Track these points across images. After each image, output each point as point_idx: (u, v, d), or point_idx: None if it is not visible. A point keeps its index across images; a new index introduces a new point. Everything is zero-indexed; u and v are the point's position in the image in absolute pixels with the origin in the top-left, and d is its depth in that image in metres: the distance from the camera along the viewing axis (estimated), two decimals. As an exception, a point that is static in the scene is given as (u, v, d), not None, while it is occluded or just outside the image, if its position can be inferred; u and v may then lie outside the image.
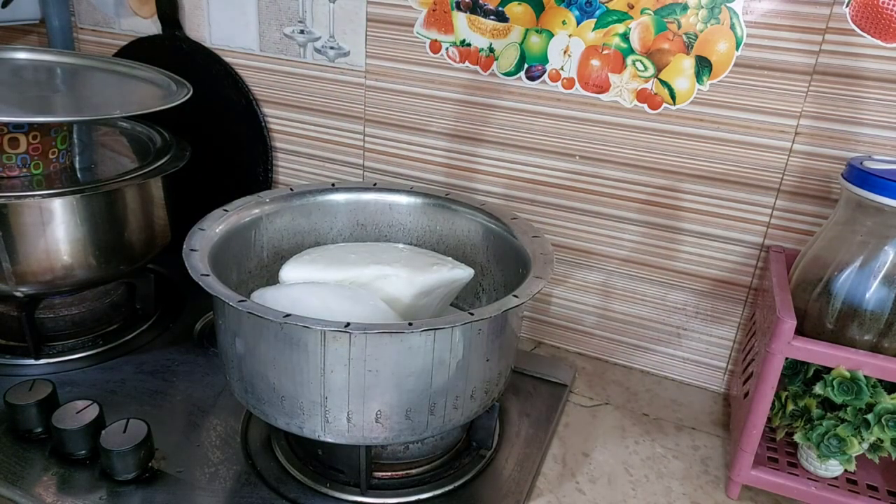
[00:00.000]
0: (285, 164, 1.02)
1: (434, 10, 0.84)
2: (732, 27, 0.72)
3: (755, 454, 0.67)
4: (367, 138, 0.95)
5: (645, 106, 0.79)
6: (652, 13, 0.75)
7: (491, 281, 0.78)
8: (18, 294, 0.78)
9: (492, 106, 0.86)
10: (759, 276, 0.81)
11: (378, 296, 0.67)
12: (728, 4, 0.72)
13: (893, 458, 0.64)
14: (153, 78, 0.91)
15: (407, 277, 0.68)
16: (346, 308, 0.62)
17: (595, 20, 0.77)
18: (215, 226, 0.68)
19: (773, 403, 0.65)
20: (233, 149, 1.03)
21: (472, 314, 0.55)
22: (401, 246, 0.78)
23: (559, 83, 0.81)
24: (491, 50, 0.83)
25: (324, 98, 0.95)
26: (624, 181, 0.83)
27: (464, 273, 0.70)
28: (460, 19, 0.83)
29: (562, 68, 0.81)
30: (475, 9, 0.82)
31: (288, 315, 0.53)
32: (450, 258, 0.74)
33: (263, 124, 1.00)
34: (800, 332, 0.62)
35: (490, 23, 0.82)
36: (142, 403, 0.75)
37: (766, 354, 0.63)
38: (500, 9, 0.81)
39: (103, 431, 0.64)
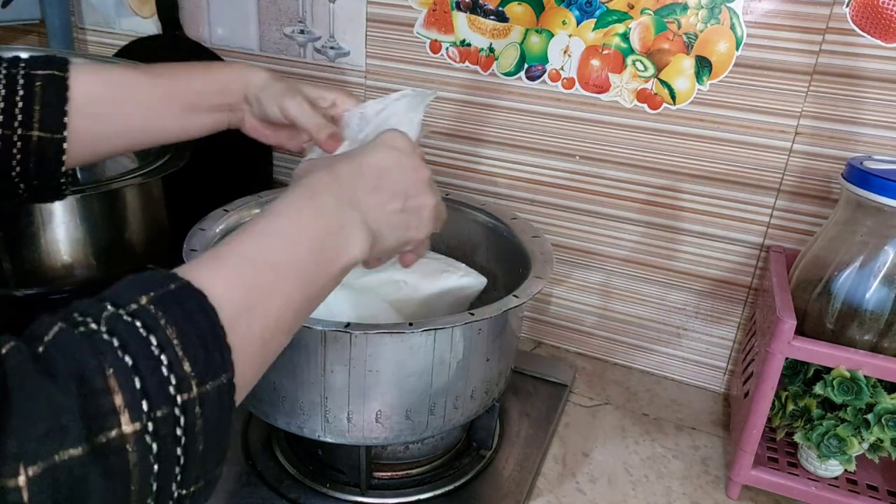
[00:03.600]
0: (285, 164, 1.02)
1: (434, 10, 0.84)
2: (732, 27, 0.72)
3: (755, 454, 0.67)
4: (367, 138, 0.94)
5: (645, 106, 0.79)
6: (652, 13, 0.75)
7: (491, 281, 0.78)
8: (18, 294, 0.78)
9: (492, 106, 0.86)
10: (759, 276, 0.80)
11: (386, 301, 0.67)
12: (728, 4, 0.72)
13: (893, 458, 0.64)
14: (153, 78, 0.91)
15: (414, 284, 0.67)
16: (345, 309, 0.62)
17: (595, 20, 0.77)
18: (215, 226, 0.68)
19: (773, 403, 0.65)
20: (233, 149, 1.02)
21: (472, 314, 0.55)
22: None
23: (559, 83, 0.81)
24: (491, 50, 0.83)
25: (324, 98, 0.95)
26: (624, 181, 0.83)
27: (475, 281, 0.69)
28: (460, 19, 0.83)
29: (562, 68, 0.81)
30: (475, 9, 0.82)
31: (288, 315, 0.53)
32: (463, 265, 0.72)
33: (263, 124, 0.99)
34: (800, 332, 0.62)
35: (490, 23, 0.82)
36: (142, 403, 0.75)
37: (766, 354, 0.63)
38: (500, 9, 0.81)
39: (103, 431, 0.64)
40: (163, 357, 0.28)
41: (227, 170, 1.03)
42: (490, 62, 0.84)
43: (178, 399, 0.28)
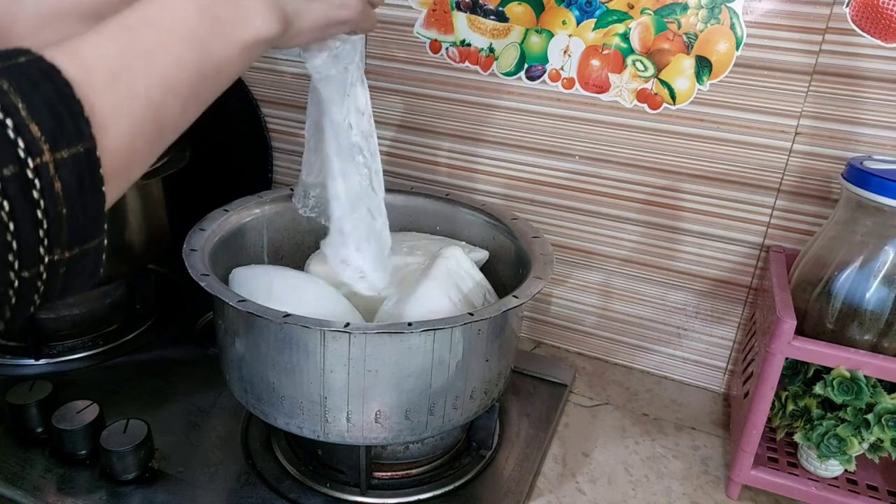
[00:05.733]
0: (285, 164, 1.02)
1: (434, 10, 0.84)
2: (732, 27, 0.72)
3: (755, 454, 0.67)
4: (367, 138, 0.94)
5: (645, 106, 0.79)
6: (652, 13, 0.75)
7: (491, 281, 0.78)
8: (18, 294, 0.78)
9: (492, 106, 0.86)
10: (759, 276, 0.80)
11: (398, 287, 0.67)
12: (728, 4, 0.72)
13: (893, 458, 0.64)
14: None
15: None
16: (288, 295, 0.62)
17: (595, 20, 0.77)
18: (215, 226, 0.68)
19: (773, 403, 0.65)
20: (233, 149, 1.03)
21: (471, 314, 0.55)
22: (437, 238, 0.78)
23: (559, 83, 0.81)
24: (491, 50, 0.83)
25: (324, 98, 0.95)
26: (624, 181, 0.83)
27: (480, 255, 0.74)
28: (460, 19, 0.83)
29: (562, 68, 0.81)
30: (475, 9, 0.82)
31: (287, 315, 0.53)
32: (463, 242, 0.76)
33: (263, 124, 1.00)
34: (800, 332, 0.62)
35: (490, 23, 0.82)
36: (142, 403, 0.75)
37: (766, 354, 0.63)
38: (500, 9, 0.81)
39: (103, 431, 0.64)
40: (7, 121, 0.28)
41: (227, 170, 1.03)
42: (490, 62, 0.84)
43: (30, 162, 0.28)
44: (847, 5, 0.67)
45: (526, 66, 0.82)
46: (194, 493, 0.64)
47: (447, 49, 0.85)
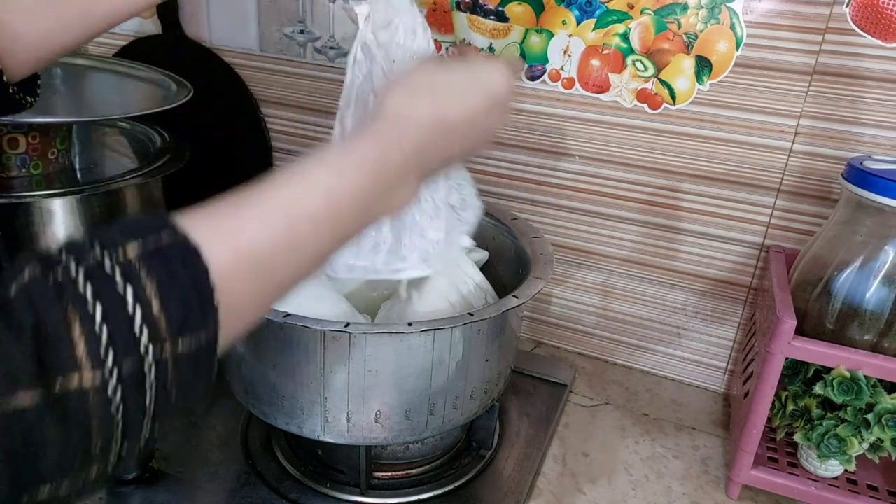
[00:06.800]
0: (285, 164, 1.02)
1: (434, 10, 0.84)
2: (732, 27, 0.72)
3: (755, 454, 0.67)
4: (367, 138, 0.94)
5: (645, 106, 0.79)
6: (652, 13, 0.75)
7: (491, 281, 0.78)
8: (18, 294, 0.78)
9: (492, 106, 0.86)
10: (759, 276, 0.80)
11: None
12: (728, 4, 0.72)
13: (893, 458, 0.64)
14: (153, 78, 0.91)
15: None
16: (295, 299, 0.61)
17: (595, 20, 0.77)
18: (215, 226, 0.68)
19: (773, 403, 0.65)
20: (233, 149, 1.02)
21: (471, 314, 0.55)
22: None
23: (559, 83, 0.81)
24: (491, 50, 0.83)
25: (324, 98, 0.95)
26: (624, 181, 0.83)
27: (479, 255, 0.73)
28: (460, 19, 0.83)
29: (562, 68, 0.81)
30: (475, 9, 0.82)
31: (288, 315, 0.53)
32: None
33: (263, 124, 1.00)
34: (800, 332, 0.62)
35: (490, 23, 0.82)
36: (142, 403, 0.75)
37: (766, 354, 0.63)
38: (500, 9, 0.81)
39: (103, 431, 0.64)
40: (136, 314, 0.27)
41: (227, 170, 1.03)
42: (490, 62, 0.84)
43: (150, 355, 0.28)
44: (847, 5, 0.67)
45: (526, 66, 0.82)
46: (194, 493, 0.64)
47: (447, 49, 0.85)
